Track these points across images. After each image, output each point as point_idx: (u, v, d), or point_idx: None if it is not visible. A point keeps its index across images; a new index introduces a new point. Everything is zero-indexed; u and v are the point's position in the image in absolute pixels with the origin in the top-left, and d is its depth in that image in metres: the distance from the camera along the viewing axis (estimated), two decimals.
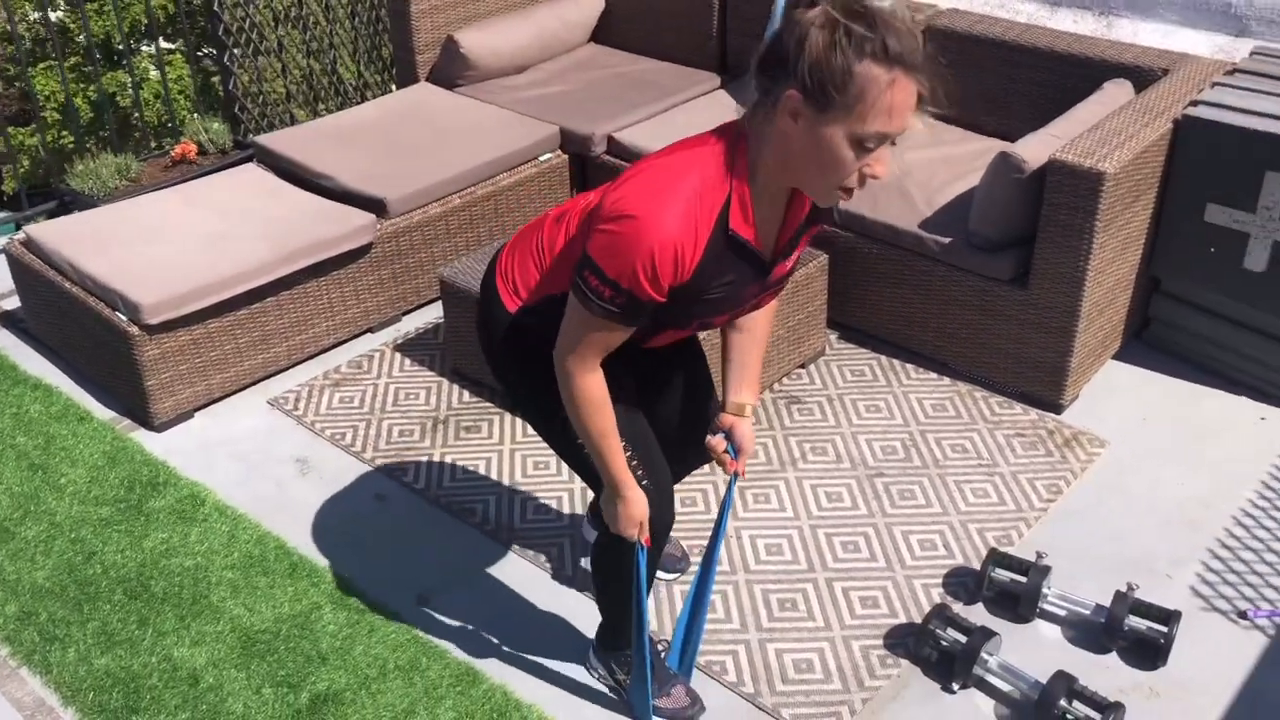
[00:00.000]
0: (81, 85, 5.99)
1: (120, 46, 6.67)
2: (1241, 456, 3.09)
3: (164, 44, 6.86)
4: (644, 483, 2.12)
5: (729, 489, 2.24)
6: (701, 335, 2.38)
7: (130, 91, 6.13)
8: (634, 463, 2.10)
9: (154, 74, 6.46)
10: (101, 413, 3.37)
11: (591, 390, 1.93)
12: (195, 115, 4.80)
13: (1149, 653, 2.50)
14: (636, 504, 2.06)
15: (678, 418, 2.34)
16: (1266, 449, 3.12)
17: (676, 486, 2.35)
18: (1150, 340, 3.52)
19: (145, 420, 3.29)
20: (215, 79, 6.49)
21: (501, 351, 2.13)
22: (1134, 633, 2.50)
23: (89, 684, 2.48)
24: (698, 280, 1.81)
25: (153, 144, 4.66)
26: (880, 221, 3.38)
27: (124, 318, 3.16)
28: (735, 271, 1.87)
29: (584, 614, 2.65)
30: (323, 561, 2.81)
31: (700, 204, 1.76)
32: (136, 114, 5.27)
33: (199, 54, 5.49)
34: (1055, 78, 3.62)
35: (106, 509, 2.98)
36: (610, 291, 1.78)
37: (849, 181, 1.70)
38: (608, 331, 1.86)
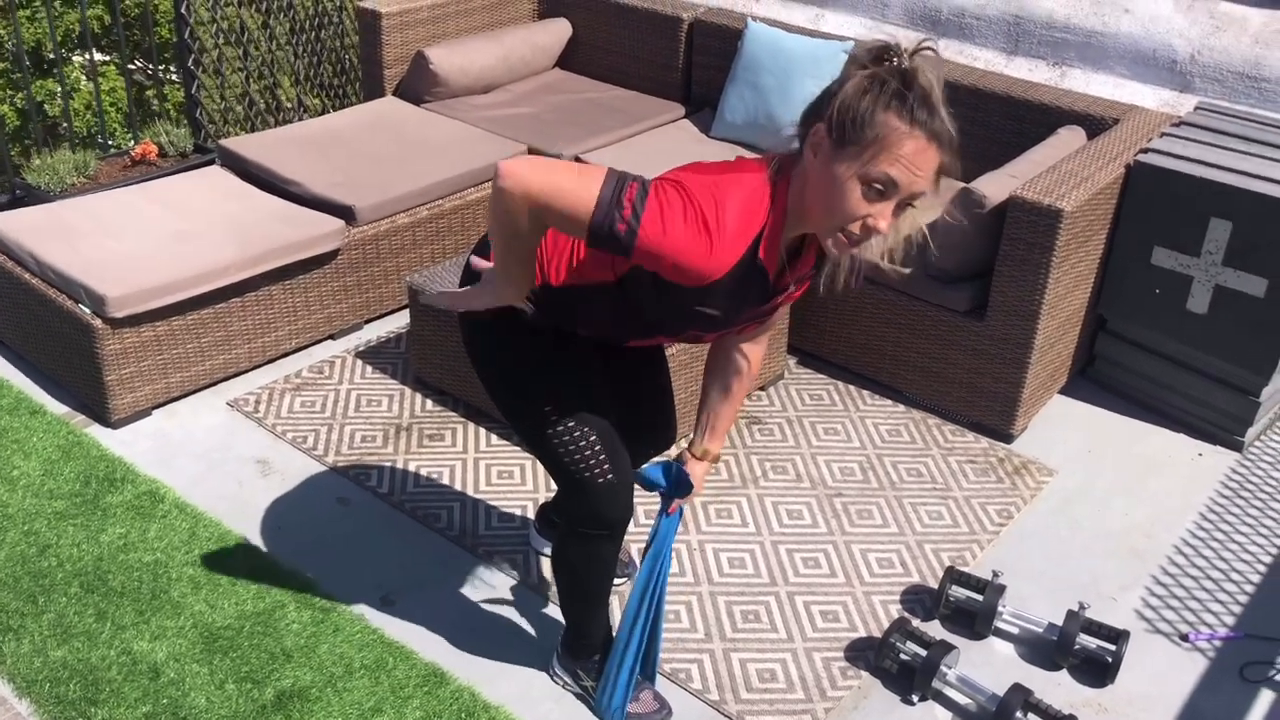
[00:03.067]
0: (10, 93, 5.92)
1: (51, 55, 6.61)
2: (1180, 490, 3.22)
3: (96, 55, 6.82)
4: (609, 477, 2.16)
5: (665, 525, 2.27)
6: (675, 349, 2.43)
7: (59, 100, 6.07)
8: (600, 455, 2.15)
9: (85, 84, 6.40)
10: (55, 407, 3.32)
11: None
12: (124, 129, 4.77)
13: (1098, 670, 2.59)
14: (509, 293, 1.99)
15: (638, 402, 2.40)
16: (1204, 484, 3.25)
17: (637, 495, 2.41)
18: (1094, 377, 3.65)
19: (102, 416, 3.24)
20: (150, 92, 6.47)
21: (483, 328, 2.15)
22: (1084, 651, 2.59)
23: (45, 675, 2.43)
24: (709, 291, 1.84)
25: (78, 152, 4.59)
26: None
27: (87, 310, 3.12)
28: (743, 295, 1.91)
29: (550, 619, 2.67)
30: (285, 561, 2.79)
31: (744, 225, 1.80)
32: (64, 124, 5.22)
33: (132, 67, 5.45)
34: (1011, 122, 3.76)
35: (61, 502, 2.93)
36: (627, 218, 1.73)
37: (852, 227, 1.74)
38: (568, 215, 1.77)
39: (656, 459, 2.39)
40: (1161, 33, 3.89)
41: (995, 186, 3.21)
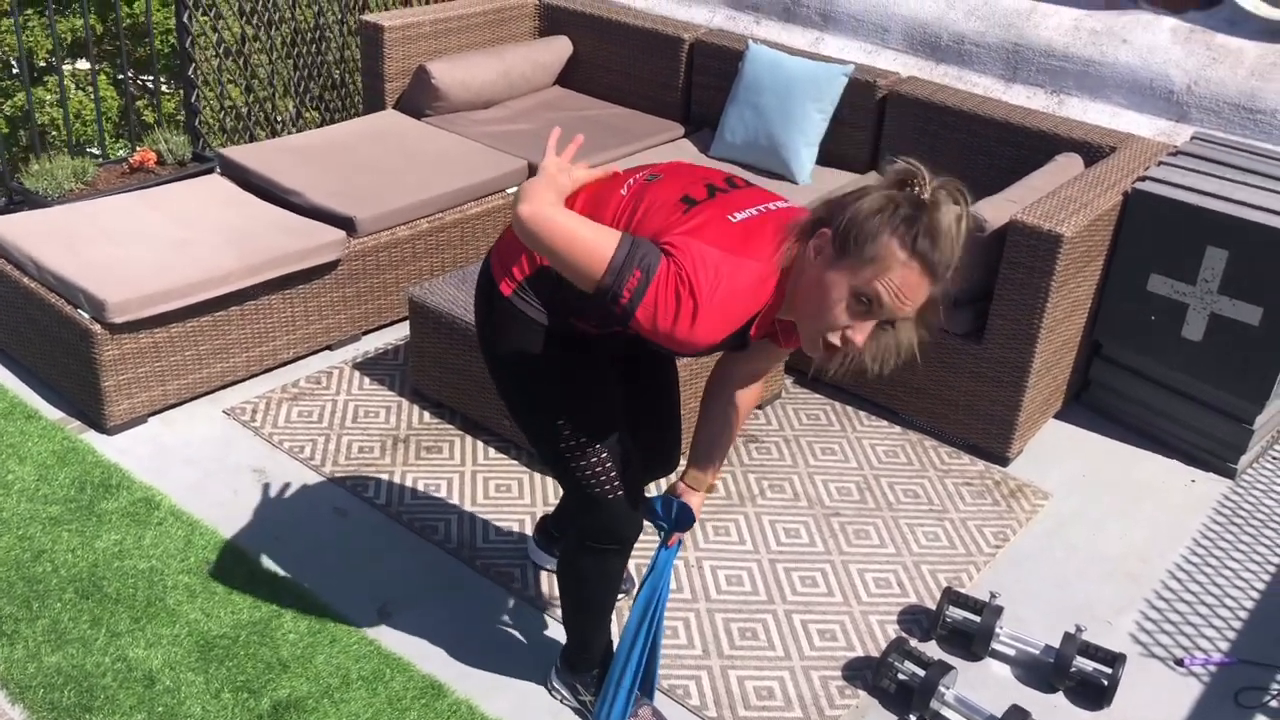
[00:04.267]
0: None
1: (40, 63, 6.62)
2: (1174, 516, 3.24)
3: (83, 65, 6.83)
4: (620, 493, 2.17)
5: (664, 556, 2.26)
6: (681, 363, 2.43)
7: (47, 109, 6.09)
8: (612, 472, 2.16)
9: (75, 92, 6.41)
10: (50, 412, 3.30)
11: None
12: (114, 138, 4.75)
13: (1095, 693, 2.60)
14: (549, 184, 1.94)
15: (647, 422, 2.40)
16: (1197, 510, 3.27)
17: None
18: (1089, 402, 3.68)
19: (97, 422, 3.23)
20: (140, 102, 6.48)
21: (503, 344, 2.16)
22: (1081, 673, 2.60)
23: (39, 681, 2.41)
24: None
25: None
26: None
27: (86, 315, 3.11)
28: (721, 349, 1.97)
29: (548, 633, 2.67)
30: (282, 570, 2.78)
31: (740, 314, 1.84)
32: (53, 131, 5.22)
33: (123, 77, 5.45)
34: (1009, 148, 3.80)
35: (56, 508, 2.91)
36: (624, 305, 1.80)
37: (832, 336, 1.80)
38: (573, 279, 1.85)
39: (655, 493, 2.38)
40: (1159, 63, 3.93)
41: (995, 211, 3.23)
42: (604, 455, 2.13)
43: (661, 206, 1.93)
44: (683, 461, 3.13)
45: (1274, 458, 3.55)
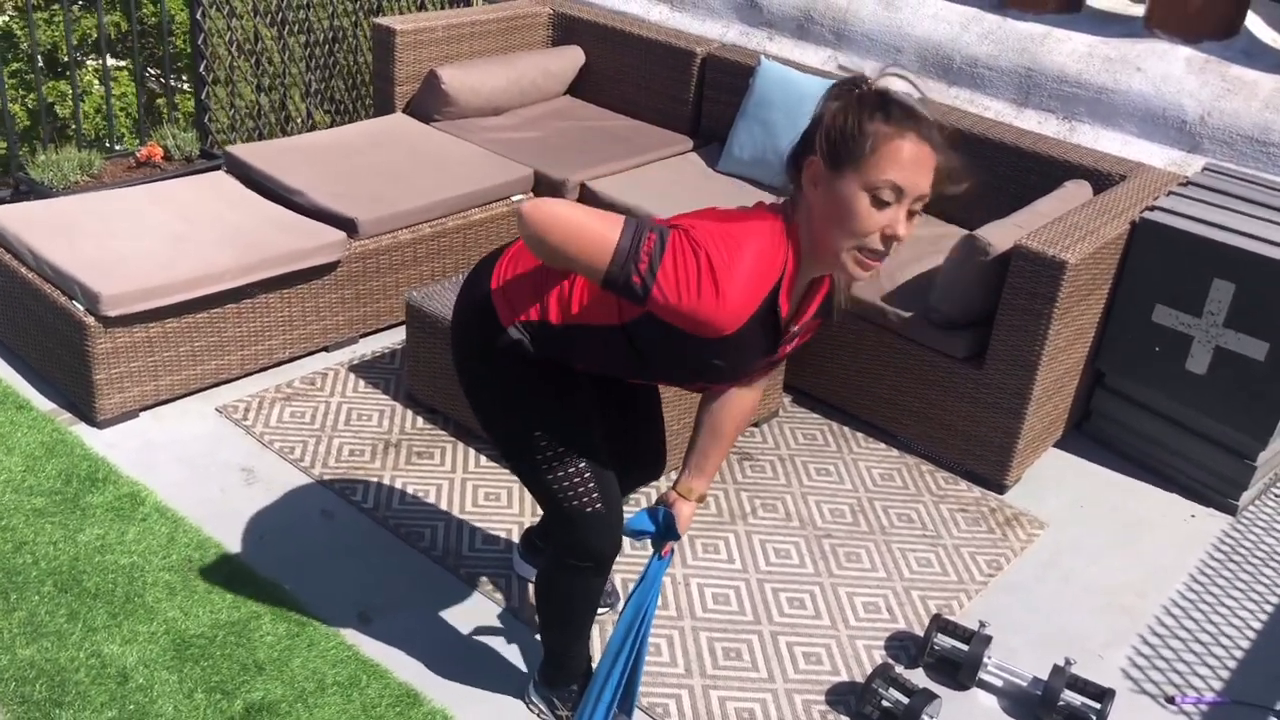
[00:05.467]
0: (21, 93, 5.96)
1: (65, 58, 6.64)
2: (1172, 551, 3.19)
3: (110, 61, 6.84)
4: (597, 507, 2.13)
5: (656, 566, 2.23)
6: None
7: (70, 102, 6.10)
8: (590, 485, 2.13)
9: (97, 87, 6.43)
10: (42, 403, 3.28)
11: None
12: (132, 134, 4.75)
13: None
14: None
15: (627, 431, 2.37)
16: (1195, 546, 3.22)
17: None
18: (1089, 432, 3.63)
19: (88, 415, 3.21)
20: (160, 100, 6.51)
21: (474, 354, 2.14)
22: (1069, 707, 2.55)
23: (11, 673, 2.38)
24: (722, 343, 1.84)
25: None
26: None
27: (81, 307, 3.10)
28: (754, 346, 1.92)
29: (529, 645, 2.63)
30: (264, 571, 2.75)
31: (760, 277, 1.80)
32: (73, 125, 5.21)
33: (146, 74, 5.47)
34: (1018, 173, 3.76)
35: (41, 499, 2.89)
36: (643, 272, 1.76)
37: (870, 241, 1.76)
38: (584, 264, 1.81)
39: (642, 506, 2.36)
40: (1172, 93, 3.90)
41: (1000, 235, 3.20)
42: (580, 467, 2.10)
43: None
44: (672, 473, 3.11)
45: (1276, 495, 3.49)
